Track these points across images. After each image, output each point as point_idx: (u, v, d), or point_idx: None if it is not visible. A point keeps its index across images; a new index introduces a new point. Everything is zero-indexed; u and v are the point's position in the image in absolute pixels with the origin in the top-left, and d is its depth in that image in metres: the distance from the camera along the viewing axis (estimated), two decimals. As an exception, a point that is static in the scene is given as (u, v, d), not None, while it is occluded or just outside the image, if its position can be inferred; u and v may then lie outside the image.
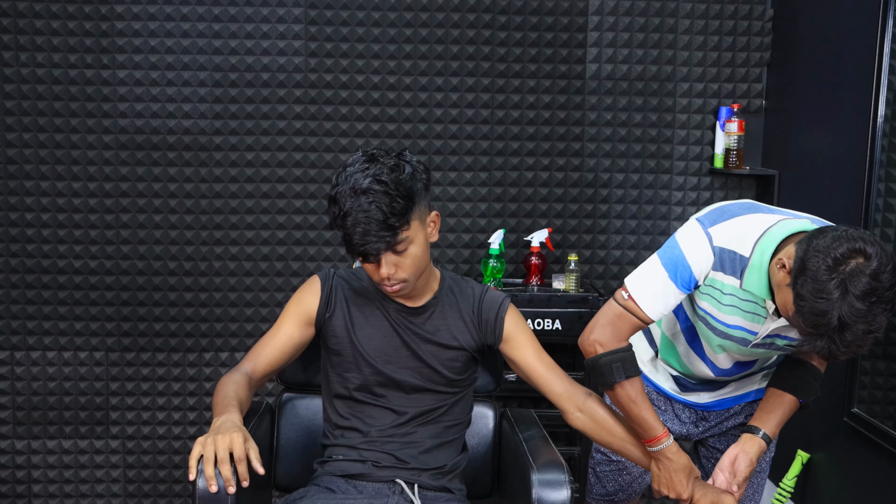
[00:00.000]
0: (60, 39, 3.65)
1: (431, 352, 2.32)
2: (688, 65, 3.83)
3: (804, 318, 1.88)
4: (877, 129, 3.00)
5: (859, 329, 1.84)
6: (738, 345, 2.24)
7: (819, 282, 1.84)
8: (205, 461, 2.00)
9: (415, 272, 2.18)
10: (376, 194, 2.06)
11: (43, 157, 3.72)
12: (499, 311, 2.37)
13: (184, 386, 3.89)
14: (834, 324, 1.83)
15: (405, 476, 2.29)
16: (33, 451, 3.87)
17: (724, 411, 2.54)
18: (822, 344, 1.88)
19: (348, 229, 2.07)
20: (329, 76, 3.73)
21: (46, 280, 3.78)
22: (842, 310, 1.82)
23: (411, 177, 2.13)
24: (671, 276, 2.16)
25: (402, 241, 2.11)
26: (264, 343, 2.35)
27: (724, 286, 2.15)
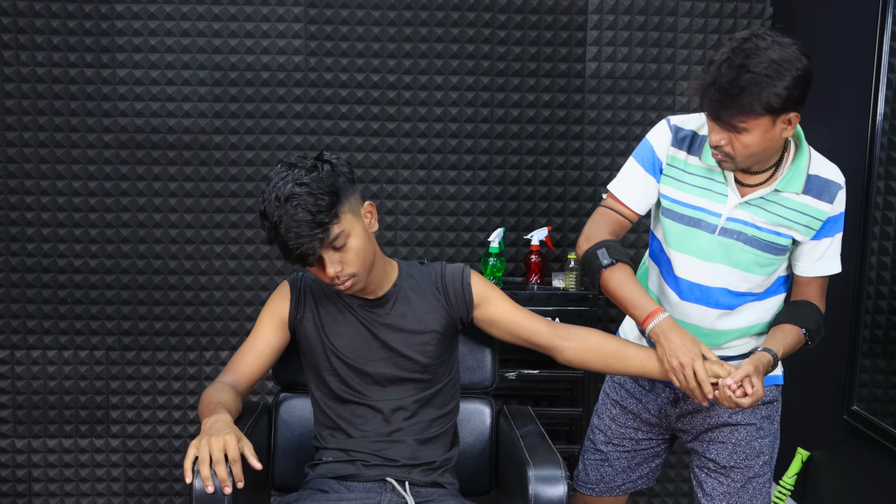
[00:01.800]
0: (60, 38, 3.65)
1: (402, 339, 2.35)
2: (687, 63, 3.83)
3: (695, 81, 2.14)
4: (876, 127, 3.00)
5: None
6: (706, 232, 2.30)
7: None
8: (200, 462, 2.01)
9: (362, 265, 2.21)
10: (300, 197, 2.09)
11: (43, 157, 3.72)
12: (462, 278, 2.42)
13: (184, 385, 3.90)
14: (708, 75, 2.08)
15: (395, 474, 2.30)
16: (34, 451, 3.88)
17: None
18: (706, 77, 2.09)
19: (282, 237, 2.11)
20: (329, 75, 3.74)
21: (46, 279, 3.79)
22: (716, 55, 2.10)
23: (331, 173, 2.16)
24: (639, 162, 2.38)
25: (339, 236, 2.15)
26: (243, 353, 2.38)
27: (687, 165, 2.32)
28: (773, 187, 2.26)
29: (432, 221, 3.84)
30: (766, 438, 2.48)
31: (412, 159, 3.80)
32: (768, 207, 2.28)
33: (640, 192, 2.39)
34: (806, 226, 2.29)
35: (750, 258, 2.31)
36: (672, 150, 2.34)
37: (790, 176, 2.26)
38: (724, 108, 2.06)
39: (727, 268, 2.33)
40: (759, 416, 2.47)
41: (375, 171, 3.80)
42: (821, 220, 2.29)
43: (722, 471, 2.49)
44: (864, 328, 3.07)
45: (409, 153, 3.80)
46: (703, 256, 2.33)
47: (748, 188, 2.29)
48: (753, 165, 2.23)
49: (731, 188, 2.28)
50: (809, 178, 2.27)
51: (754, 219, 2.28)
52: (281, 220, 2.10)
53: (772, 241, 2.29)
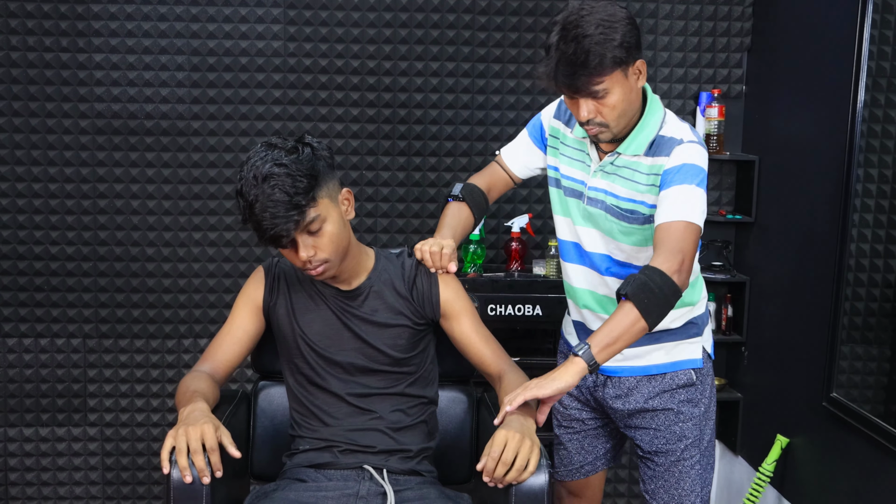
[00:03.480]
0: (35, 22, 3.62)
1: (373, 332, 2.34)
2: (668, 50, 3.83)
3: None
4: (856, 115, 3.00)
5: None
6: (579, 201, 2.44)
7: None
8: (177, 452, 2.01)
9: (335, 251, 2.20)
10: (278, 177, 2.07)
11: (18, 142, 3.69)
12: (431, 287, 2.40)
13: (162, 373, 3.88)
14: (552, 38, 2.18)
15: (373, 461, 2.31)
16: (10, 440, 3.86)
17: (618, 381, 2.53)
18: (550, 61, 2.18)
19: (257, 216, 2.09)
20: (308, 61, 3.71)
21: (22, 266, 3.76)
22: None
23: (312, 156, 2.14)
24: (528, 133, 2.59)
25: (314, 220, 2.13)
26: (220, 340, 2.38)
27: (565, 137, 2.49)
28: (616, 151, 2.35)
29: (413, 208, 3.83)
30: (687, 422, 2.51)
31: (392, 146, 3.79)
32: (621, 173, 2.35)
33: (523, 159, 2.61)
34: (654, 185, 2.30)
35: (612, 226, 2.40)
36: (554, 121, 2.53)
37: (632, 138, 2.32)
38: (579, 77, 2.15)
39: (599, 234, 2.45)
40: (676, 401, 2.51)
41: (355, 158, 3.79)
42: (659, 174, 2.28)
43: (647, 455, 2.56)
44: (843, 315, 3.08)
45: (390, 139, 3.79)
46: (577, 221, 2.49)
47: (604, 154, 2.40)
48: (624, 128, 2.29)
49: (591, 156, 2.42)
50: (656, 140, 2.31)
51: (612, 187, 2.37)
52: (257, 199, 2.07)
53: (629, 210, 2.34)
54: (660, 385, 2.51)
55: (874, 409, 2.96)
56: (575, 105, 2.24)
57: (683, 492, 2.53)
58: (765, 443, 3.58)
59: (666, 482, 2.54)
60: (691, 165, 2.24)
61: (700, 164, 2.26)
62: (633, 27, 2.18)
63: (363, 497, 2.22)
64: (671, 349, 2.50)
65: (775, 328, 3.61)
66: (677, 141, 2.28)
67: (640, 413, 2.54)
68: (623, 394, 2.54)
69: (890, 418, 2.86)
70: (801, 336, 3.38)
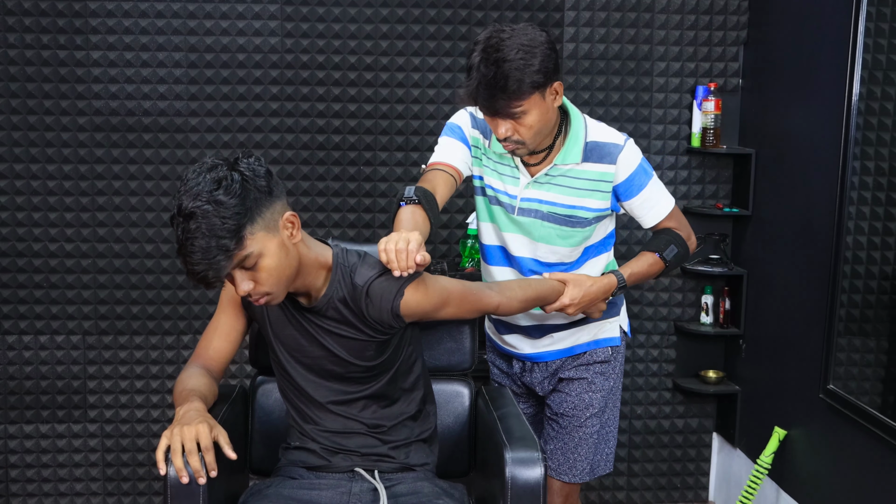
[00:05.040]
0: (32, 20, 3.62)
1: (339, 343, 2.21)
2: (665, 44, 3.83)
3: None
4: (852, 108, 3.01)
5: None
6: (507, 212, 2.53)
7: None
8: (172, 453, 2.00)
9: (276, 283, 2.04)
10: (205, 216, 1.90)
11: (16, 140, 3.69)
12: (382, 312, 2.17)
13: (161, 369, 3.89)
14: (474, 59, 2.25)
15: (363, 465, 2.28)
16: (10, 436, 3.87)
17: (545, 365, 2.71)
18: (471, 82, 2.26)
19: (185, 254, 1.93)
20: (305, 56, 3.71)
21: (21, 263, 3.77)
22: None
23: (242, 187, 1.95)
24: (446, 134, 2.57)
25: (248, 257, 1.97)
26: (209, 337, 2.33)
27: (486, 150, 2.55)
28: (553, 163, 2.48)
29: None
30: (597, 393, 2.68)
31: (390, 141, 3.79)
32: (558, 182, 2.49)
33: (458, 155, 2.55)
34: (596, 190, 2.49)
35: (550, 232, 2.52)
36: (473, 131, 2.56)
37: (567, 149, 2.47)
38: (498, 100, 2.24)
39: (527, 240, 2.55)
40: (592, 372, 2.68)
41: (353, 154, 3.79)
42: (608, 181, 2.49)
43: (555, 417, 2.72)
44: (840, 307, 3.08)
45: (387, 135, 3.79)
46: (504, 228, 2.57)
47: (535, 167, 2.50)
48: (540, 143, 2.41)
49: (521, 171, 2.50)
50: (588, 147, 2.48)
51: (547, 195, 2.49)
52: (184, 236, 1.91)
53: (569, 215, 2.50)
54: (580, 361, 2.69)
55: (871, 401, 2.96)
56: (494, 123, 2.34)
57: (578, 457, 2.69)
58: (763, 435, 3.59)
59: (564, 444, 2.69)
60: (640, 167, 2.51)
61: (641, 158, 2.53)
62: (552, 51, 2.29)
63: (356, 494, 2.22)
64: (595, 330, 2.69)
65: (773, 321, 3.62)
66: (616, 146, 2.49)
67: (562, 381, 2.71)
68: (550, 374, 2.72)
69: (887, 410, 2.87)
70: (798, 329, 3.39)
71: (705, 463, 4.08)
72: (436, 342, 2.60)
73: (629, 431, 4.03)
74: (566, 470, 2.70)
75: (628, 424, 4.02)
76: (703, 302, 3.92)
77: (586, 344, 2.68)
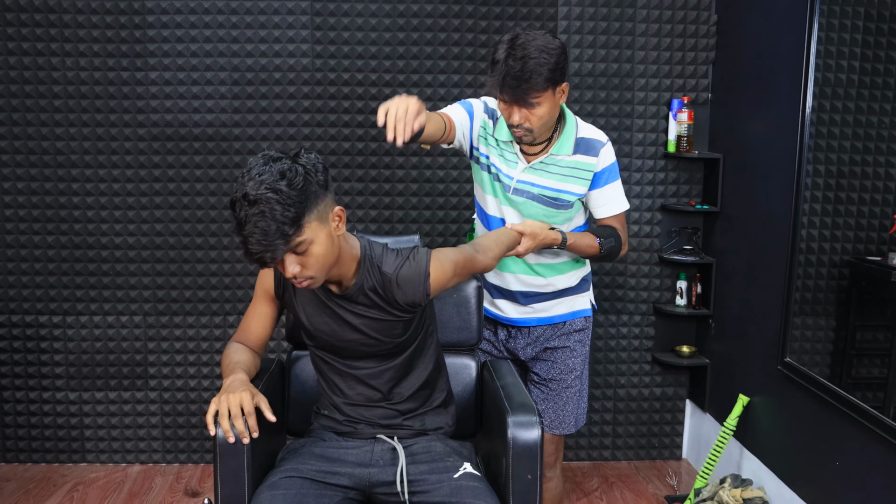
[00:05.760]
0: (100, 46, 3.64)
1: (369, 324, 2.18)
2: (644, 63, 3.82)
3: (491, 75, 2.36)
4: (805, 118, 3.01)
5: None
6: (503, 189, 2.60)
7: None
8: (220, 417, 2.02)
9: (321, 269, 2.00)
10: (268, 203, 1.85)
11: (86, 148, 3.72)
12: (415, 294, 2.15)
13: (210, 345, 3.91)
14: (500, 55, 2.33)
15: (386, 433, 2.28)
16: (84, 402, 3.90)
17: (528, 331, 2.79)
18: (497, 73, 2.33)
19: (245, 236, 1.89)
20: (333, 74, 3.72)
21: (91, 254, 3.79)
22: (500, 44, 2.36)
23: (304, 180, 1.90)
24: (458, 104, 2.62)
25: (301, 244, 1.92)
26: (247, 322, 2.32)
27: (491, 135, 2.60)
28: (549, 152, 2.56)
29: (424, 201, 3.85)
30: (577, 358, 2.79)
31: (406, 147, 3.79)
32: (549, 169, 2.57)
33: (456, 114, 2.58)
34: (580, 178, 2.58)
35: (537, 212, 2.60)
36: (484, 115, 2.62)
37: (561, 142, 2.56)
38: (523, 91, 2.33)
39: (518, 214, 2.62)
40: (573, 341, 2.78)
41: (374, 158, 3.80)
42: (591, 171, 2.58)
43: (544, 382, 2.80)
44: (795, 291, 3.09)
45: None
46: (502, 202, 2.64)
47: (531, 156, 2.58)
48: (542, 135, 2.52)
49: (519, 157, 2.58)
50: (578, 141, 2.57)
51: (539, 180, 2.57)
52: (246, 220, 1.87)
53: (554, 198, 2.58)
54: (561, 330, 2.78)
55: (821, 372, 2.97)
56: (509, 111, 2.42)
57: (566, 413, 2.80)
58: (729, 401, 3.60)
59: (554, 404, 2.79)
60: (613, 164, 2.62)
61: (615, 159, 2.63)
62: (565, 56, 2.38)
63: (378, 452, 2.23)
64: (571, 302, 2.77)
65: (738, 303, 3.62)
66: (600, 143, 2.59)
67: (545, 350, 2.79)
68: (532, 341, 2.79)
69: (834, 379, 2.88)
70: (759, 309, 3.39)
71: (679, 426, 4.09)
72: (447, 321, 2.59)
73: (614, 398, 4.03)
74: (557, 425, 2.80)
75: (613, 392, 4.02)
76: (678, 286, 3.91)
77: (564, 315, 2.77)
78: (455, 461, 2.19)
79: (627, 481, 3.88)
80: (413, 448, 2.25)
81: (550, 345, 2.78)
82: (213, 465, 2.09)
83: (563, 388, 2.79)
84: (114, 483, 3.77)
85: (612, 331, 3.98)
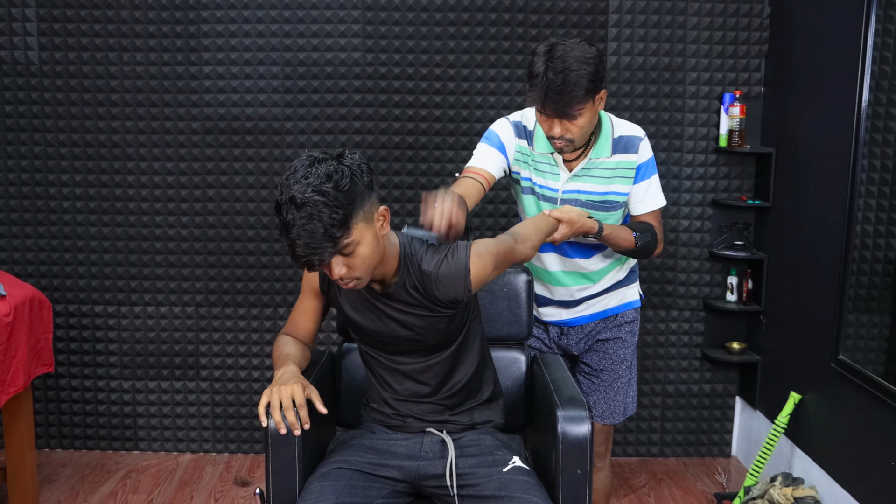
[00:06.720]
0: (156, 41, 3.69)
1: (412, 321, 2.15)
2: (696, 57, 3.78)
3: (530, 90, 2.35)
4: (862, 112, 2.96)
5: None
6: (551, 203, 2.58)
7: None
8: (272, 409, 2.02)
9: (367, 270, 1.97)
10: (315, 206, 1.81)
11: (142, 141, 3.77)
12: (455, 290, 2.11)
13: (261, 336, 3.93)
14: (538, 68, 2.30)
15: (435, 427, 2.27)
16: (137, 391, 3.95)
17: (580, 328, 2.80)
18: (538, 87, 2.31)
19: (291, 239, 1.85)
20: (383, 69, 3.73)
21: (146, 246, 3.84)
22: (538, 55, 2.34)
23: (351, 181, 1.87)
24: (484, 142, 2.60)
25: (348, 246, 1.89)
26: (296, 315, 2.32)
27: (530, 152, 2.59)
28: (588, 157, 2.55)
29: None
30: (628, 349, 2.80)
31: (455, 141, 3.80)
32: (592, 174, 2.56)
33: (493, 160, 2.58)
34: (623, 177, 2.57)
35: (593, 211, 2.56)
36: (517, 140, 2.60)
37: (599, 145, 2.54)
38: (565, 104, 2.31)
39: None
40: (624, 332, 2.79)
41: (424, 152, 3.80)
42: (633, 167, 2.57)
43: (595, 373, 2.82)
44: (849, 287, 3.05)
45: (453, 136, 3.79)
46: None
47: (572, 163, 2.56)
48: (581, 140, 2.46)
49: (560, 168, 2.56)
50: (616, 141, 2.56)
51: (584, 186, 2.56)
52: (293, 223, 1.83)
53: (603, 200, 2.57)
54: (613, 322, 2.79)
55: (876, 370, 2.93)
56: (550, 123, 2.39)
57: (616, 403, 2.81)
58: (780, 399, 3.55)
59: (606, 394, 2.81)
60: (651, 159, 2.60)
61: (652, 154, 2.61)
62: (603, 64, 2.37)
63: (427, 444, 2.23)
64: (621, 294, 2.78)
65: (790, 299, 3.57)
66: (638, 138, 2.57)
67: (597, 342, 2.81)
68: (585, 336, 2.80)
69: (890, 377, 2.83)
70: (812, 306, 3.35)
71: (729, 423, 4.04)
72: (497, 315, 2.57)
73: (663, 394, 4.00)
74: (608, 415, 2.82)
75: (662, 388, 3.99)
76: (728, 282, 3.87)
77: (616, 307, 2.78)
78: (504, 455, 2.18)
79: (676, 478, 3.85)
80: (462, 441, 2.25)
81: (602, 336, 2.80)
82: (265, 455, 2.10)
83: (614, 379, 2.80)
84: (165, 471, 3.81)
85: (661, 326, 3.95)
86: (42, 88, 3.73)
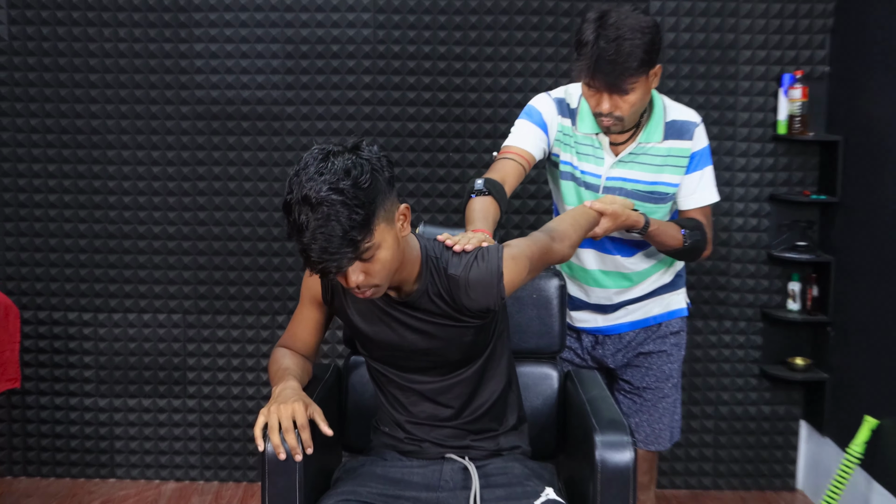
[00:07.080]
0: (140, 15, 3.65)
1: (435, 333, 2.08)
2: (750, 32, 3.69)
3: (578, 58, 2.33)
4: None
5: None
6: (593, 192, 2.54)
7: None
8: (270, 430, 1.98)
9: (386, 276, 1.91)
10: (333, 206, 1.75)
11: (124, 128, 3.73)
12: (487, 297, 2.02)
13: (257, 348, 3.88)
14: (588, 36, 2.29)
15: (456, 452, 2.20)
16: (115, 409, 3.90)
17: (618, 338, 2.73)
18: (587, 56, 2.29)
19: (305, 245, 1.79)
20: (397, 47, 3.67)
21: (127, 245, 3.80)
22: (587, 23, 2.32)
23: (372, 176, 1.81)
24: (524, 118, 2.57)
25: (368, 250, 1.82)
26: (294, 325, 2.28)
27: (573, 133, 2.55)
28: (637, 141, 2.51)
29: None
30: (674, 364, 2.74)
31: (478, 128, 3.73)
32: (641, 160, 2.52)
33: (531, 138, 2.55)
34: (675, 165, 2.53)
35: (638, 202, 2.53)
36: (559, 118, 2.56)
37: (650, 128, 2.51)
38: (617, 75, 2.28)
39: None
40: (669, 344, 2.72)
41: (443, 141, 3.74)
42: (686, 155, 2.53)
43: (636, 391, 2.75)
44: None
45: (476, 122, 3.73)
46: None
47: (618, 147, 2.53)
48: (631, 121, 2.44)
49: (605, 151, 2.52)
50: (668, 125, 2.52)
51: (630, 174, 2.52)
52: (306, 226, 1.77)
53: (650, 191, 2.53)
54: (656, 333, 2.72)
55: (969, 390, 2.79)
56: (598, 97, 2.36)
57: (662, 426, 2.74)
58: (852, 424, 3.43)
59: (650, 416, 2.74)
60: (706, 148, 2.57)
61: (707, 143, 2.58)
62: (660, 34, 2.36)
63: (447, 472, 2.17)
64: (665, 301, 2.72)
65: (862, 308, 3.48)
66: (693, 124, 2.55)
67: (636, 356, 2.74)
68: (623, 346, 2.74)
69: None
70: (889, 316, 3.24)
71: (792, 451, 3.94)
72: (525, 325, 2.54)
73: (715, 417, 3.90)
74: (653, 440, 2.76)
75: (714, 410, 3.90)
76: (789, 289, 3.79)
77: (659, 316, 2.72)
78: (535, 485, 2.11)
79: (730, 514, 3.78)
80: (487, 469, 2.19)
81: (644, 349, 2.73)
82: (261, 484, 2.07)
83: (658, 399, 2.74)
84: (146, 501, 3.77)
85: (712, 339, 3.86)
86: (11, 67, 3.69)
